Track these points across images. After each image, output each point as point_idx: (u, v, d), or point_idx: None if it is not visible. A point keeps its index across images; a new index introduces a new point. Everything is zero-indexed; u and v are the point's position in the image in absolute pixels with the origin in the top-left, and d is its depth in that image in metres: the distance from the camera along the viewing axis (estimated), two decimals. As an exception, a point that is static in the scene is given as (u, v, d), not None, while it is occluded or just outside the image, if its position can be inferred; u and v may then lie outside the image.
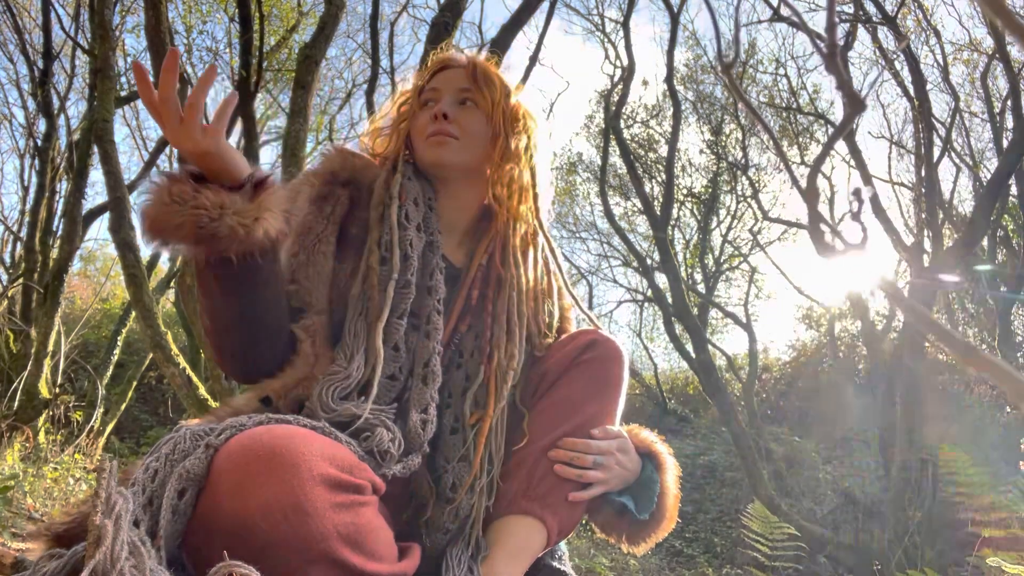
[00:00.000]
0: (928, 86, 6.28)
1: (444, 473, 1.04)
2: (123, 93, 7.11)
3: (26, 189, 8.02)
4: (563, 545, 1.18)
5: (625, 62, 7.60)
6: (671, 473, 1.18)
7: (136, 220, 0.81)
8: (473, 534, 1.03)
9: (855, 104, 0.32)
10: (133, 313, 5.64)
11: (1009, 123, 6.76)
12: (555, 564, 1.13)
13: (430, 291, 1.09)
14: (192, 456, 0.76)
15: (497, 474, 1.06)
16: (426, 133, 1.15)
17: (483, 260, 1.17)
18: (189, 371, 3.81)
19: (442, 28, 3.57)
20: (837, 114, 8.77)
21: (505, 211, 1.17)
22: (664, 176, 8.45)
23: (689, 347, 7.00)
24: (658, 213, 7.08)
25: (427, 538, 1.02)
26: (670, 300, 6.83)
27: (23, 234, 7.06)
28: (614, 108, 7.55)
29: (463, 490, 1.02)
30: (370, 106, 6.25)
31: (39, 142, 6.62)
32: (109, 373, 6.71)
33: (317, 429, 0.84)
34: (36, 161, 6.94)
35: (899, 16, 6.54)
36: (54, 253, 5.98)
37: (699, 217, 11.03)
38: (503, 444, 1.09)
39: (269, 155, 11.84)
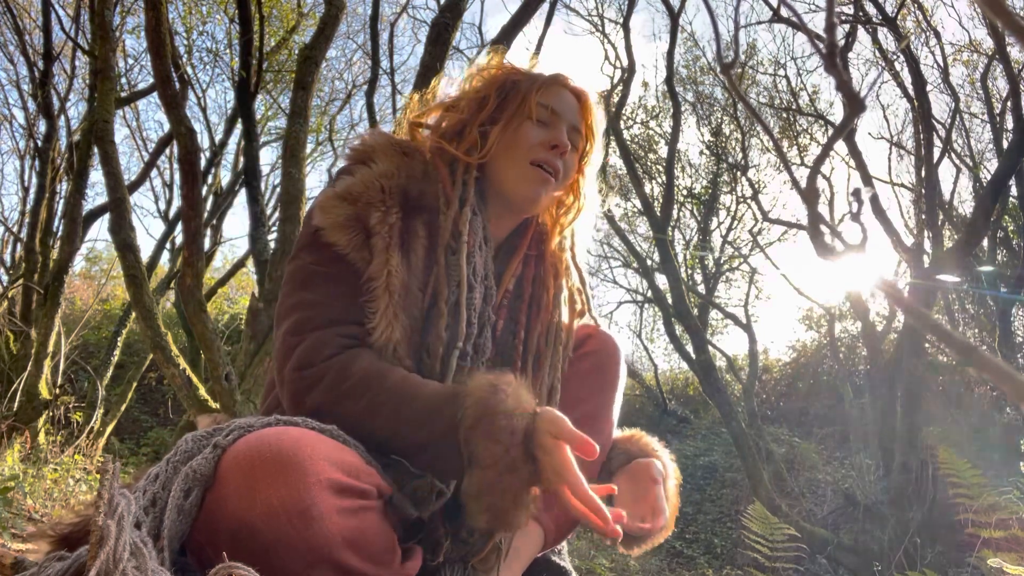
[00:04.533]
0: (928, 87, 6.28)
1: (460, 515, 1.00)
2: (123, 94, 7.11)
3: (26, 190, 8.03)
4: None
5: (625, 63, 7.61)
6: (672, 481, 1.15)
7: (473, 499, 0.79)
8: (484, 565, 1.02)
9: (855, 105, 0.32)
10: (133, 314, 5.64)
11: (1009, 124, 6.76)
12: (554, 559, 1.13)
13: (477, 350, 1.03)
14: (199, 456, 0.76)
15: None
16: (536, 156, 1.07)
17: (510, 285, 1.13)
18: (189, 372, 3.80)
19: (442, 29, 3.57)
20: (837, 115, 8.78)
21: (550, 245, 1.16)
22: (664, 177, 8.45)
23: (689, 348, 7.00)
24: (658, 214, 7.09)
25: (428, 553, 1.00)
26: (670, 301, 6.83)
27: (23, 235, 7.05)
28: (614, 109, 7.55)
29: (478, 537, 0.99)
30: (370, 107, 6.25)
31: (39, 143, 6.62)
32: (109, 374, 6.71)
33: (326, 432, 0.83)
34: (36, 162, 6.94)
35: (899, 17, 6.54)
36: (54, 254, 5.98)
37: (699, 218, 11.03)
38: None
39: (269, 156, 11.84)
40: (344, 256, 0.95)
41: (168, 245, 8.80)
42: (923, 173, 6.44)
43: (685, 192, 10.82)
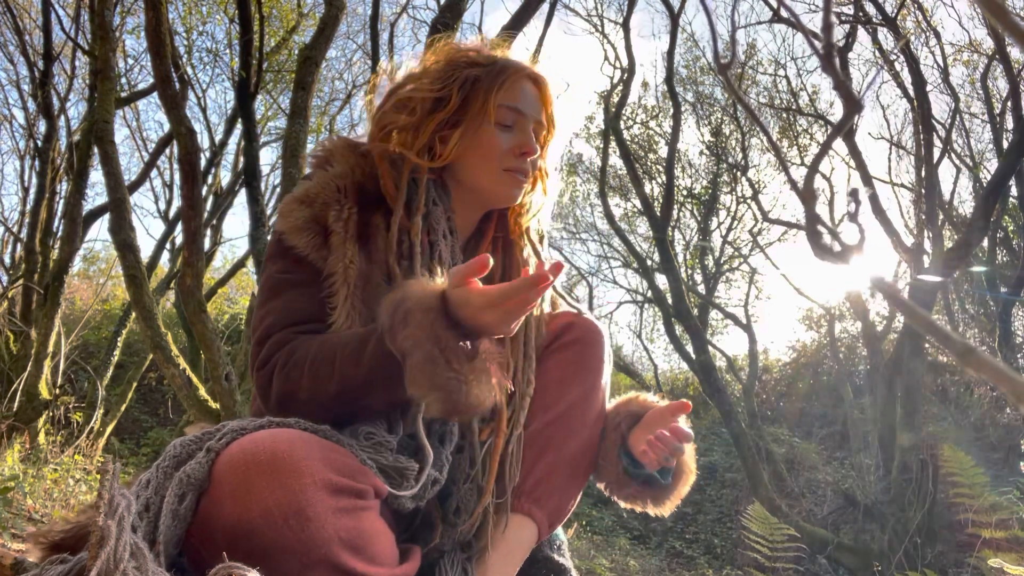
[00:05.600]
0: (928, 87, 6.28)
1: (449, 496, 1.01)
2: (123, 94, 7.11)
3: (26, 190, 8.03)
4: (562, 535, 1.18)
5: (625, 63, 7.61)
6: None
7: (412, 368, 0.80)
8: (478, 543, 1.02)
9: (852, 104, 0.32)
10: (133, 314, 5.64)
11: (1009, 124, 6.76)
12: (555, 556, 1.12)
13: None
14: (193, 460, 0.75)
15: (508, 503, 1.03)
16: (508, 164, 1.07)
17: None
18: (189, 372, 3.81)
19: (442, 29, 3.58)
20: (837, 115, 8.77)
21: (514, 229, 1.17)
22: (664, 177, 8.45)
23: (689, 348, 7.00)
24: (658, 214, 7.09)
25: (424, 547, 1.01)
26: (670, 301, 6.83)
27: (23, 235, 7.06)
28: (614, 109, 7.55)
29: (464, 515, 1.00)
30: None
31: (39, 143, 6.62)
32: (109, 374, 6.71)
33: (320, 433, 0.83)
34: (36, 162, 6.94)
35: (899, 17, 6.54)
36: (54, 254, 5.98)
37: (699, 218, 11.03)
38: (519, 472, 1.04)
39: (269, 156, 11.84)
40: (305, 257, 0.97)
41: (168, 245, 8.81)
42: (923, 173, 6.44)
43: (685, 192, 10.82)
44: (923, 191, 6.32)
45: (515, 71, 1.08)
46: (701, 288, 10.78)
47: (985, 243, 7.28)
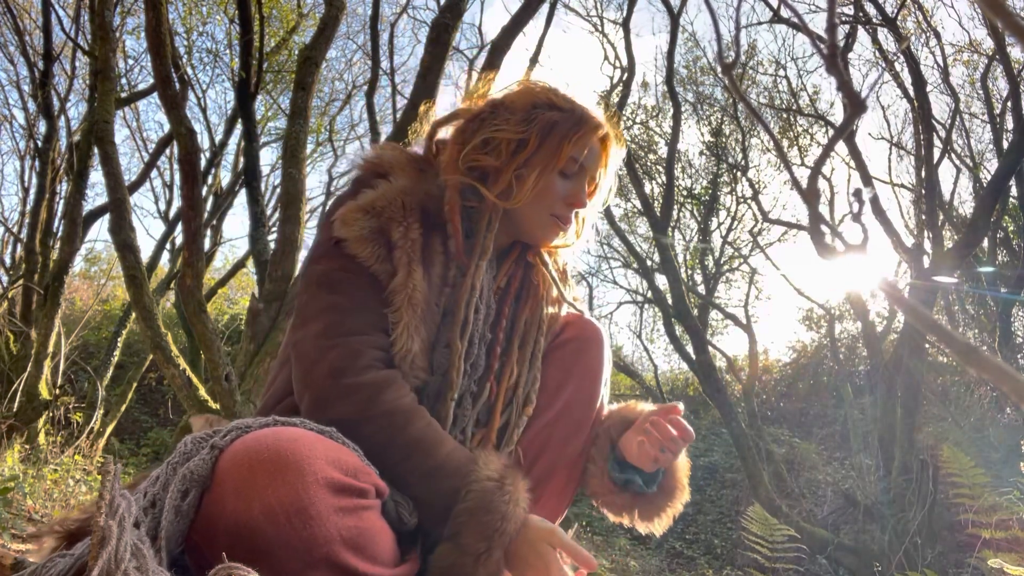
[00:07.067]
0: (928, 87, 6.28)
1: None
2: (123, 94, 7.11)
3: (26, 190, 8.03)
4: None
5: (625, 63, 7.61)
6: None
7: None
8: None
9: (856, 105, 0.32)
10: (133, 314, 5.64)
11: (1009, 124, 6.76)
12: None
13: (474, 366, 1.05)
14: (196, 457, 0.75)
15: None
16: (557, 210, 1.10)
17: (502, 283, 1.15)
18: (189, 372, 3.80)
19: (442, 30, 3.58)
20: (837, 115, 8.78)
21: (534, 252, 1.18)
22: (664, 177, 8.45)
23: (689, 348, 7.00)
24: (658, 214, 7.08)
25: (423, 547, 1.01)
26: (670, 301, 6.83)
27: (23, 235, 7.05)
28: (614, 109, 7.54)
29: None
30: (370, 108, 6.25)
31: (39, 143, 6.62)
32: (109, 374, 6.71)
33: (324, 433, 0.83)
34: (36, 162, 6.94)
35: (899, 17, 6.54)
36: (54, 254, 5.98)
37: (699, 218, 11.03)
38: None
39: (269, 156, 11.83)
40: (368, 268, 0.97)
41: (168, 245, 8.81)
42: (923, 173, 6.44)
43: (685, 192, 10.82)
44: (923, 191, 6.31)
45: (591, 128, 1.09)
46: (701, 288, 10.78)
47: (985, 243, 7.28)
